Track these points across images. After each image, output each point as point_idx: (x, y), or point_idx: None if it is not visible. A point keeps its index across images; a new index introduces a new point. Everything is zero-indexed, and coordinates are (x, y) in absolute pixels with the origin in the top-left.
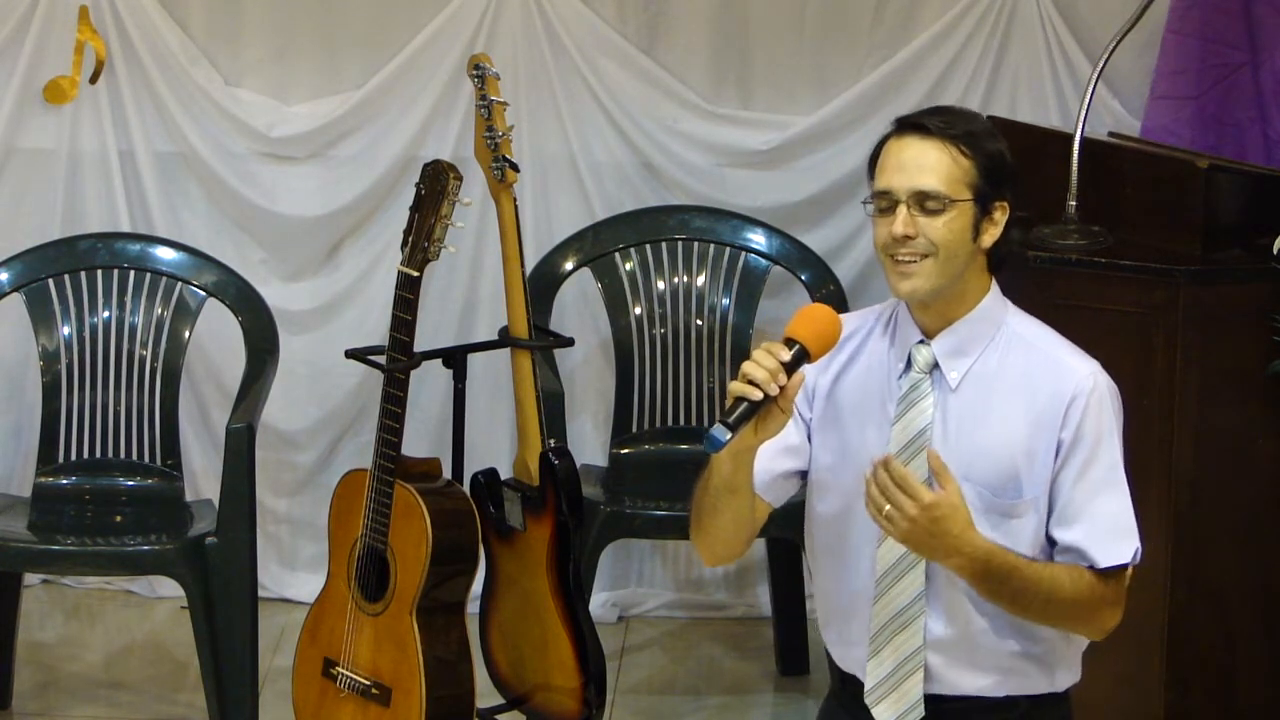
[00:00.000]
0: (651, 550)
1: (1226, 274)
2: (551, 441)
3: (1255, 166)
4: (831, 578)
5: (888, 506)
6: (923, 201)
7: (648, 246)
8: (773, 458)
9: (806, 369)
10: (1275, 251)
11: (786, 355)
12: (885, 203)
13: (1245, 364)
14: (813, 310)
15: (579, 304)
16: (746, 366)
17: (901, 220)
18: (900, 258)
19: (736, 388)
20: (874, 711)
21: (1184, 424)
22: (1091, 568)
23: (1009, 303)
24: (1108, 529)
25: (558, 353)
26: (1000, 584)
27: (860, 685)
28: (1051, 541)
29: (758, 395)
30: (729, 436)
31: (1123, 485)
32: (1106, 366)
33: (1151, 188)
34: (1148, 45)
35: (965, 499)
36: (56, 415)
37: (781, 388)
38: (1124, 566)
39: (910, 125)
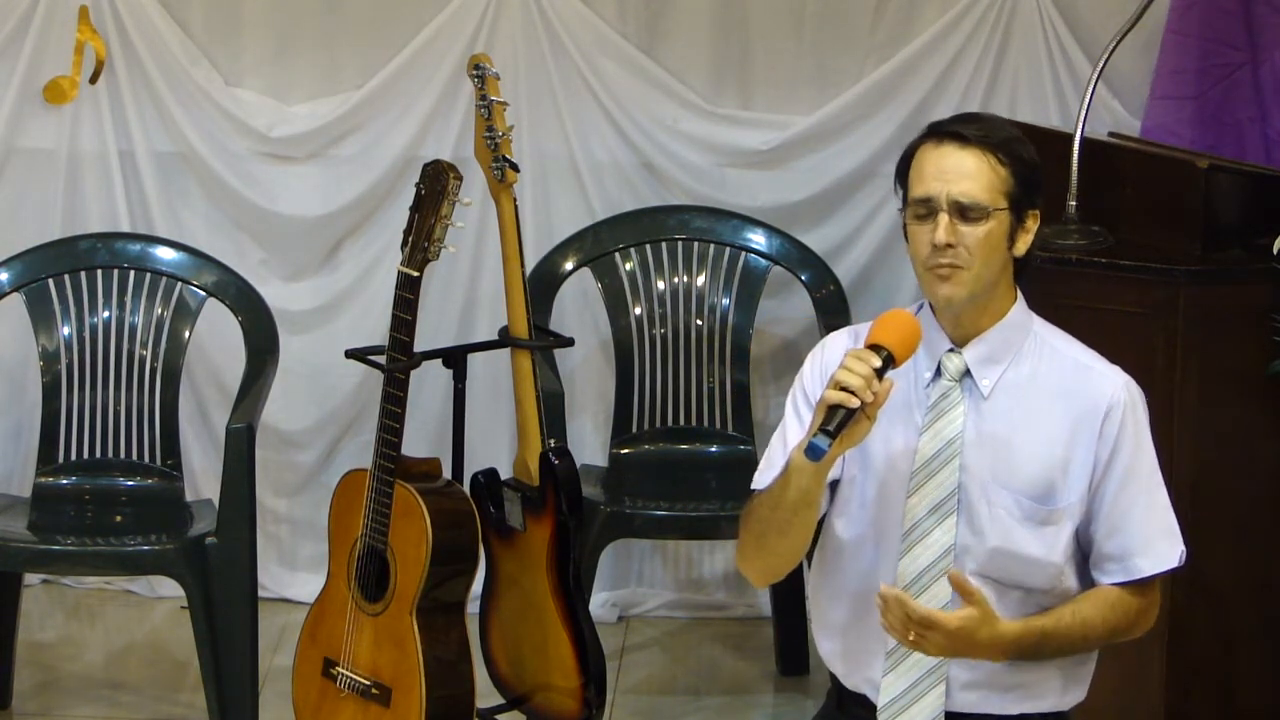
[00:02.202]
0: (651, 550)
1: (1226, 274)
2: (551, 441)
3: (1255, 166)
4: (844, 592)
5: (912, 635)
6: (964, 211)
7: (648, 246)
8: None
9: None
10: (1275, 251)
11: (878, 362)
12: (924, 209)
13: (1245, 364)
14: (894, 316)
15: (579, 304)
16: (840, 375)
17: (944, 228)
18: (939, 265)
19: (833, 396)
20: None
21: (1184, 424)
22: (1130, 579)
23: (1032, 312)
24: (1152, 535)
25: (558, 353)
26: (1034, 654)
27: (866, 703)
28: (1085, 551)
29: (855, 403)
30: (829, 444)
31: (1162, 490)
32: None
33: (1151, 188)
34: (1148, 45)
35: (1002, 507)
36: (56, 415)
37: (874, 394)
38: (1170, 571)
39: (949, 134)
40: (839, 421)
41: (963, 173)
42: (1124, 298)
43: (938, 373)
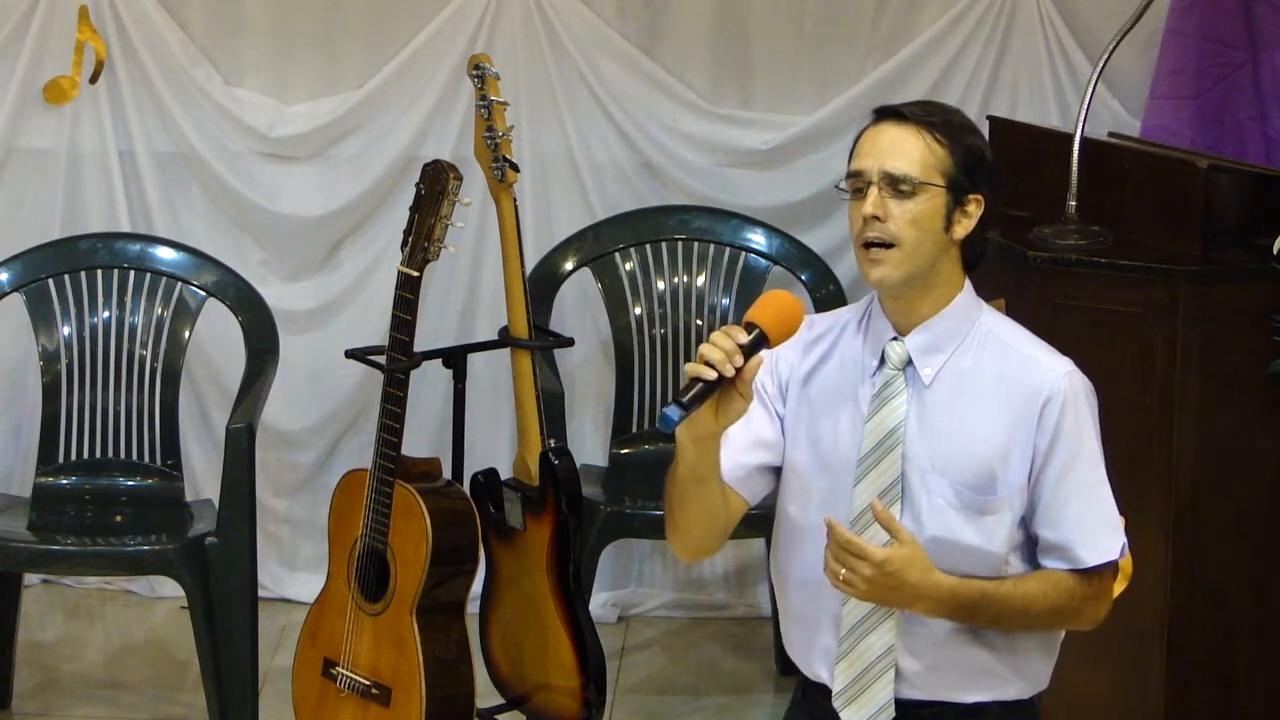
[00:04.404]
0: (651, 550)
1: (1226, 274)
2: (551, 441)
3: (1255, 166)
4: (800, 581)
5: (844, 571)
6: (894, 184)
7: (648, 246)
8: (746, 450)
9: (786, 362)
10: (1275, 251)
11: (744, 338)
12: (858, 183)
13: (1245, 364)
14: (774, 296)
15: (579, 304)
16: (703, 348)
17: (871, 201)
18: (869, 242)
19: (691, 368)
20: (842, 715)
21: (1184, 424)
22: (1074, 569)
23: (982, 301)
24: (1093, 527)
25: (558, 353)
26: (972, 614)
27: (825, 691)
28: (1033, 540)
29: (712, 375)
30: (680, 415)
31: (1104, 482)
32: (1106, 366)
33: (1151, 188)
34: (1148, 45)
35: (941, 496)
36: (56, 415)
37: (738, 370)
38: (1111, 564)
39: (889, 112)
40: (694, 394)
41: (897, 149)
42: (1124, 298)
43: (882, 361)
